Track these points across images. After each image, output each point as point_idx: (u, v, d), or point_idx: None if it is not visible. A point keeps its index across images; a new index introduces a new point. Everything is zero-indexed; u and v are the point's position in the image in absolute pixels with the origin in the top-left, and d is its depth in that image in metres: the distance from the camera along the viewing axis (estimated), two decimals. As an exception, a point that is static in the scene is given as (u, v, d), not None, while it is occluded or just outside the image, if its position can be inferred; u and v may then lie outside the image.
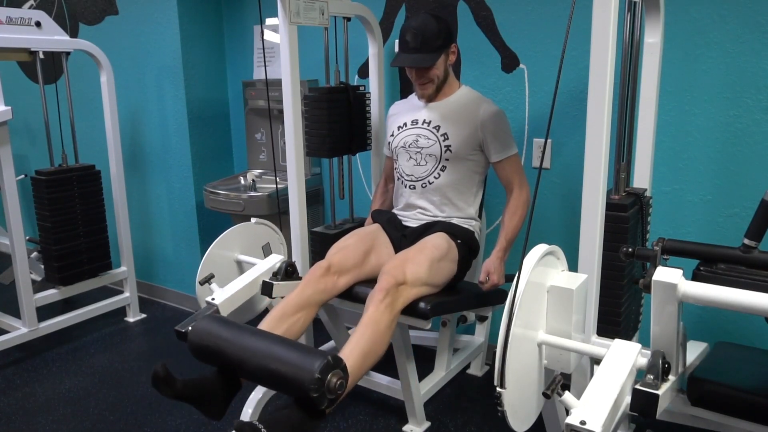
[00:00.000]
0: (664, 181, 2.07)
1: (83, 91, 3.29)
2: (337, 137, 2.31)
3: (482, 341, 2.53)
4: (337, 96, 2.30)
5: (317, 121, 2.27)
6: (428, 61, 2.01)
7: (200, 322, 1.59)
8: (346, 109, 2.32)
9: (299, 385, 1.38)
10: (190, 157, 3.03)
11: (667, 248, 1.48)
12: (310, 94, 2.28)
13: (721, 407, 1.40)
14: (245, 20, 3.01)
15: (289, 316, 1.83)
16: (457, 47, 2.09)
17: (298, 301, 1.87)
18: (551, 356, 1.38)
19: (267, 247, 2.34)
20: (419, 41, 2.00)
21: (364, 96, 2.41)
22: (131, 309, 3.15)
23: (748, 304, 1.17)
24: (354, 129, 2.37)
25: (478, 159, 2.11)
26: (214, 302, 1.91)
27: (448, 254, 2.00)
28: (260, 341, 1.49)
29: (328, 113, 2.26)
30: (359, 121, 2.40)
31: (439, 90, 2.11)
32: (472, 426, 2.18)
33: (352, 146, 2.39)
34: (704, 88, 1.97)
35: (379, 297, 1.76)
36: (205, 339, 1.55)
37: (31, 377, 2.57)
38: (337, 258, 1.97)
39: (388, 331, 1.76)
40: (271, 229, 2.36)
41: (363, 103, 2.41)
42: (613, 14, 1.32)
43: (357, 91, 2.37)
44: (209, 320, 1.59)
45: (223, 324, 1.57)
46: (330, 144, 2.29)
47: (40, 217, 2.74)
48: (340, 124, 2.31)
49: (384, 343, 1.74)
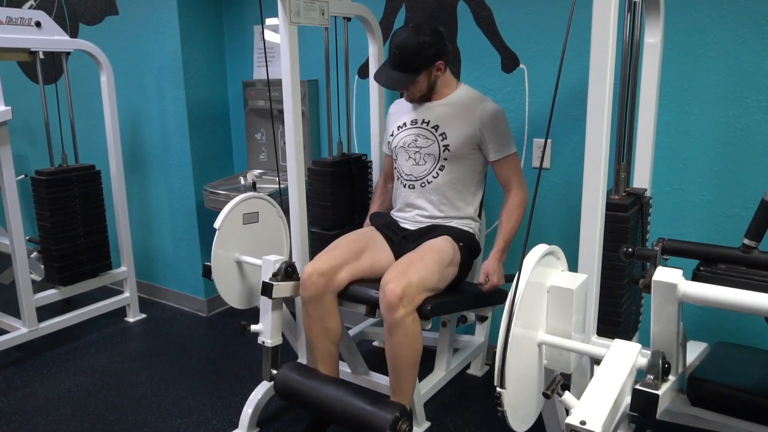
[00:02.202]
0: (664, 181, 2.07)
1: (83, 91, 3.29)
2: (340, 209, 2.41)
3: (482, 341, 2.53)
4: (339, 169, 2.38)
5: (320, 193, 2.36)
6: (403, 82, 2.02)
7: (283, 369, 1.98)
8: (348, 181, 2.42)
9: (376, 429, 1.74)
10: (190, 157, 3.03)
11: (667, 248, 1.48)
12: (314, 168, 2.36)
13: (721, 407, 1.40)
14: (245, 20, 3.01)
15: (322, 338, 2.00)
16: (444, 63, 2.04)
17: (314, 323, 1.99)
18: (551, 356, 1.38)
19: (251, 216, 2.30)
20: (398, 60, 2.00)
21: (365, 165, 2.49)
22: (131, 309, 3.15)
23: (748, 304, 1.17)
24: (356, 199, 2.47)
25: (477, 158, 2.10)
26: (268, 344, 2.05)
27: (453, 258, 2.01)
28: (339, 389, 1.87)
29: (330, 186, 2.36)
30: (361, 189, 2.49)
31: (424, 99, 2.12)
32: (472, 426, 2.17)
33: (355, 216, 2.48)
34: (704, 88, 1.97)
35: (392, 315, 1.81)
36: (289, 385, 1.95)
37: (31, 377, 2.57)
38: (320, 262, 1.97)
39: (415, 338, 1.86)
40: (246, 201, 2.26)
41: (365, 172, 2.50)
42: (613, 14, 1.32)
43: (359, 161, 2.45)
44: (291, 367, 1.99)
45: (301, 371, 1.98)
46: (333, 216, 2.38)
47: (40, 217, 2.74)
48: (342, 197, 2.40)
49: (417, 347, 1.88)
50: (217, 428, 2.19)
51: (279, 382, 1.97)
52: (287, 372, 1.97)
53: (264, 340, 2.06)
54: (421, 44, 1.97)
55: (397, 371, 1.88)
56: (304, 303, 1.98)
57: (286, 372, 1.97)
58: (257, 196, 2.32)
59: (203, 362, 2.68)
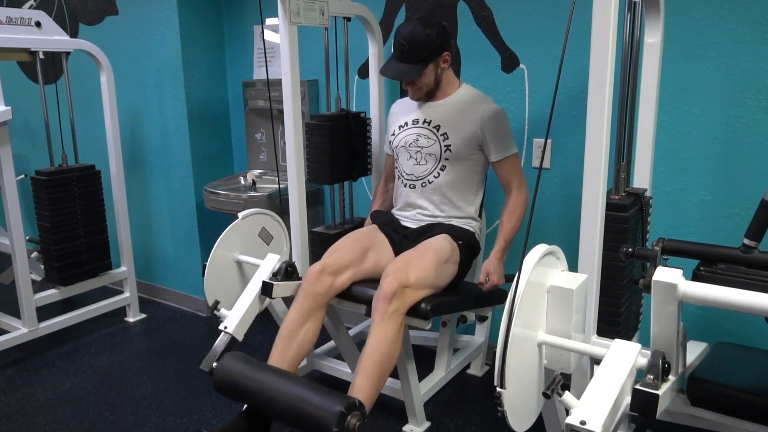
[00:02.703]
0: (664, 181, 2.07)
1: (83, 91, 3.29)
2: (338, 165, 2.37)
3: (482, 341, 2.53)
4: (338, 123, 2.34)
5: (318, 148, 2.32)
6: (412, 73, 2.02)
7: (223, 361, 1.72)
8: (346, 137, 2.37)
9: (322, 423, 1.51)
10: (190, 157, 3.03)
11: (667, 248, 1.49)
12: (312, 122, 2.32)
13: (721, 407, 1.40)
14: (245, 20, 3.01)
15: (297, 332, 1.90)
16: (450, 55, 2.06)
17: (300, 315, 1.91)
18: (551, 356, 1.38)
19: (264, 232, 2.32)
20: (405, 52, 2.00)
21: (364, 122, 2.45)
22: (131, 309, 3.15)
23: (748, 304, 1.17)
24: (355, 155, 2.42)
25: (478, 158, 2.11)
26: (228, 332, 1.94)
27: (451, 256, 2.01)
28: (284, 382, 1.63)
29: (329, 141, 2.30)
30: (360, 147, 2.45)
31: (431, 95, 2.12)
32: (472, 426, 2.17)
33: (353, 172, 2.44)
34: (704, 88, 1.97)
35: (384, 305, 1.78)
36: (229, 378, 1.68)
37: (31, 377, 2.57)
38: (331, 259, 1.98)
39: (397, 342, 1.80)
40: (263, 215, 2.31)
41: (364, 128, 2.46)
42: (613, 14, 1.32)
43: (358, 118, 2.41)
44: (232, 358, 1.72)
45: (245, 362, 1.71)
46: (331, 171, 2.34)
47: (40, 217, 2.74)
48: (341, 152, 2.36)
49: (395, 356, 1.80)
50: (217, 428, 2.19)
51: (220, 373, 1.71)
52: (230, 361, 1.72)
53: (227, 326, 1.94)
54: (429, 35, 1.98)
55: (367, 367, 1.74)
56: (300, 296, 1.93)
57: (229, 361, 1.72)
58: (280, 223, 2.37)
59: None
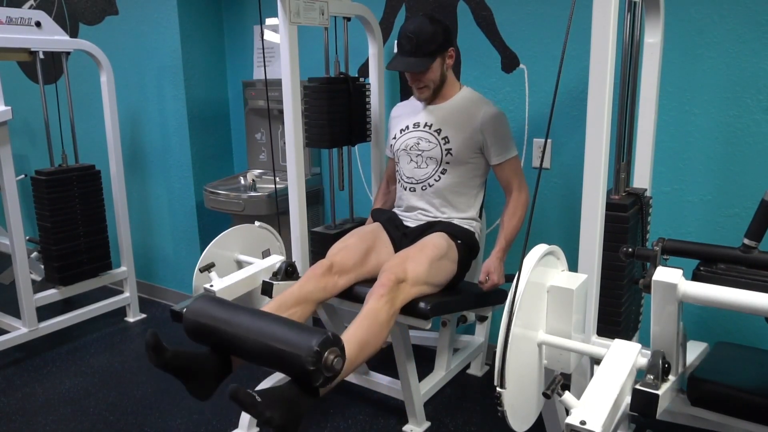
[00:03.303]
0: (664, 181, 2.07)
1: (83, 91, 3.29)
2: (337, 128, 2.30)
3: (482, 341, 2.53)
4: (337, 87, 2.29)
5: (317, 111, 2.26)
6: (421, 65, 2.01)
7: (197, 301, 1.56)
8: (345, 100, 2.32)
9: (296, 358, 1.34)
10: (190, 157, 3.03)
11: (667, 248, 1.48)
12: (310, 85, 2.27)
13: (721, 407, 1.40)
14: (245, 20, 3.01)
15: (287, 307, 1.82)
16: (455, 51, 2.09)
17: (298, 295, 1.86)
18: (551, 356, 1.38)
19: (267, 253, 2.35)
20: (413, 45, 2.00)
21: (363, 87, 2.40)
22: (131, 309, 3.15)
23: (748, 304, 1.17)
24: (354, 120, 2.37)
25: (479, 162, 2.11)
26: (212, 289, 1.88)
27: (448, 254, 2.01)
28: (258, 319, 1.46)
29: (328, 104, 2.25)
30: (359, 112, 2.39)
31: (437, 93, 2.12)
32: (472, 426, 2.18)
33: (352, 137, 2.39)
34: (704, 88, 1.97)
35: (379, 292, 1.77)
36: (201, 318, 1.52)
37: (31, 377, 2.57)
38: (339, 257, 1.97)
39: (387, 325, 1.75)
40: (272, 235, 2.37)
41: (363, 94, 2.41)
42: (613, 14, 1.32)
43: (357, 82, 2.36)
44: (205, 300, 1.56)
45: (219, 304, 1.55)
46: (330, 134, 2.28)
47: (40, 217, 2.74)
48: (339, 115, 2.30)
49: (381, 337, 1.72)
50: (217, 428, 2.19)
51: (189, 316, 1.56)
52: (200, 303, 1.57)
53: (213, 284, 1.88)
54: (436, 29, 2.00)
55: (349, 332, 1.68)
56: (300, 281, 1.90)
57: (199, 303, 1.57)
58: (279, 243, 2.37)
59: (203, 362, 2.68)
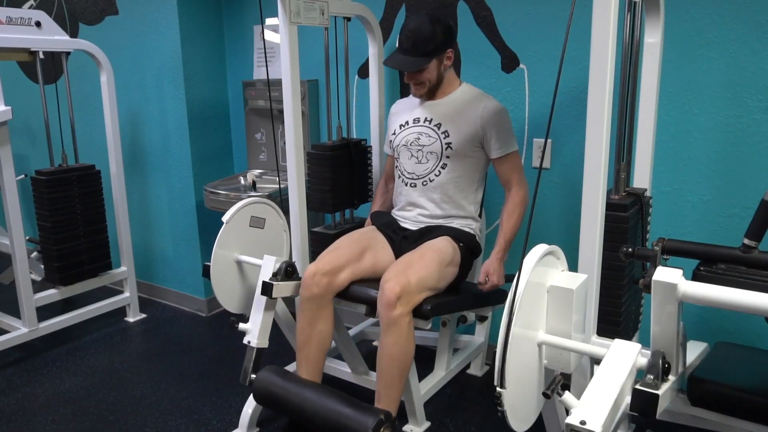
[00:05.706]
0: (664, 181, 2.07)
1: (83, 91, 3.29)
2: (340, 193, 2.38)
3: (482, 341, 2.53)
4: (339, 153, 2.35)
5: (319, 177, 2.34)
6: (416, 65, 2.02)
7: (261, 375, 1.93)
8: (347, 166, 2.39)
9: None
10: (190, 157, 3.03)
11: (667, 248, 1.48)
12: (313, 152, 2.33)
13: (721, 407, 1.40)
14: (245, 20, 3.01)
15: (311, 337, 1.98)
16: (454, 51, 2.08)
17: (308, 320, 1.98)
18: (551, 356, 1.38)
19: (254, 220, 2.29)
20: (411, 44, 2.00)
21: (365, 149, 2.47)
22: (131, 309, 3.15)
23: (748, 304, 1.17)
24: (355, 184, 2.44)
25: (479, 156, 2.11)
26: (253, 346, 2.01)
27: (453, 258, 2.01)
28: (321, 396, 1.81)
29: (330, 170, 2.33)
30: (361, 175, 2.47)
31: (434, 91, 2.12)
32: (472, 426, 2.17)
33: (354, 200, 2.46)
34: (704, 88, 1.97)
35: (389, 312, 1.80)
36: (271, 387, 1.89)
37: (31, 377, 2.57)
38: (323, 262, 1.99)
39: (409, 342, 1.87)
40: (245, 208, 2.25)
41: (365, 156, 2.48)
42: (613, 14, 1.32)
43: (358, 146, 2.43)
44: (268, 373, 1.93)
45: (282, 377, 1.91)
46: (332, 200, 2.36)
47: (40, 217, 2.74)
48: (342, 181, 2.38)
49: (410, 353, 1.87)
50: (217, 428, 2.19)
51: (259, 386, 1.91)
52: (267, 375, 1.91)
53: (250, 340, 2.00)
54: (435, 30, 1.99)
55: (386, 374, 1.86)
56: (302, 302, 1.98)
57: (267, 375, 1.91)
58: (267, 202, 2.33)
59: (203, 362, 2.68)
